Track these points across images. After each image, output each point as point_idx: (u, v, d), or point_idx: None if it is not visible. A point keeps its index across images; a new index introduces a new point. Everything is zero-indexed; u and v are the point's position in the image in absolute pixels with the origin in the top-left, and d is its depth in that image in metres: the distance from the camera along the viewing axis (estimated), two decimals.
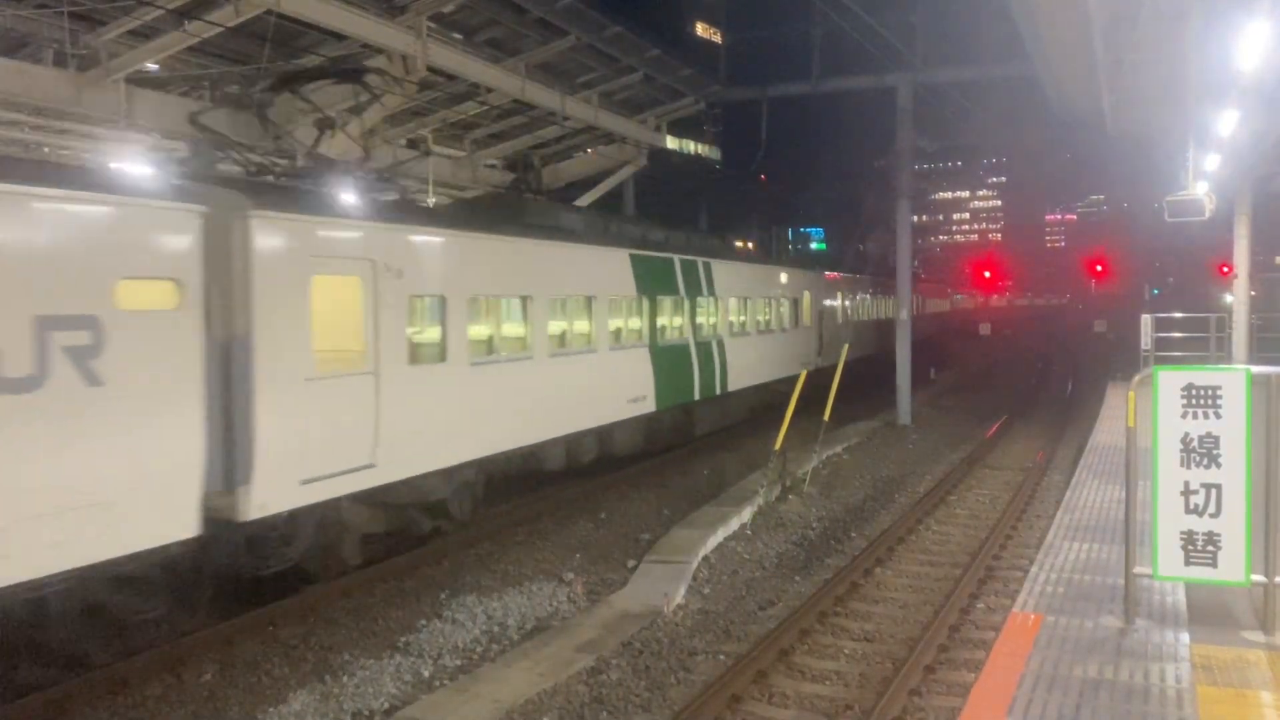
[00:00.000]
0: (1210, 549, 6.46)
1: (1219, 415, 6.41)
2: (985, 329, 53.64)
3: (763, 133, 27.09)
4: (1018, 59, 20.14)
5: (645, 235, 17.72)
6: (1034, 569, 8.49)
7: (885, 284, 40.29)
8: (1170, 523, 6.54)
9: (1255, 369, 6.57)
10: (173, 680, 8.56)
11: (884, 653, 9.16)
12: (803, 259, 36.17)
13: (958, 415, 26.35)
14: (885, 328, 36.69)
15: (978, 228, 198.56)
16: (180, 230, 8.14)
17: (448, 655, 9.21)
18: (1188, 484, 6.49)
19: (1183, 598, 7.46)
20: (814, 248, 72.92)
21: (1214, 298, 22.96)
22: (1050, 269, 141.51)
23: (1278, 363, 10.95)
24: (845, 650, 9.30)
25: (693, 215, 36.38)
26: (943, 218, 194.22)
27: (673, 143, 25.43)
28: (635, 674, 8.64)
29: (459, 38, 15.89)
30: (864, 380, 25.89)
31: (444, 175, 19.33)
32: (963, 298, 70.96)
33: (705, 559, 12.09)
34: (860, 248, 53.70)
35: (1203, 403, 6.44)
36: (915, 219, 30.91)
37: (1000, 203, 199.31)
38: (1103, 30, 12.78)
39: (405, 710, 7.88)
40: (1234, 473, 6.40)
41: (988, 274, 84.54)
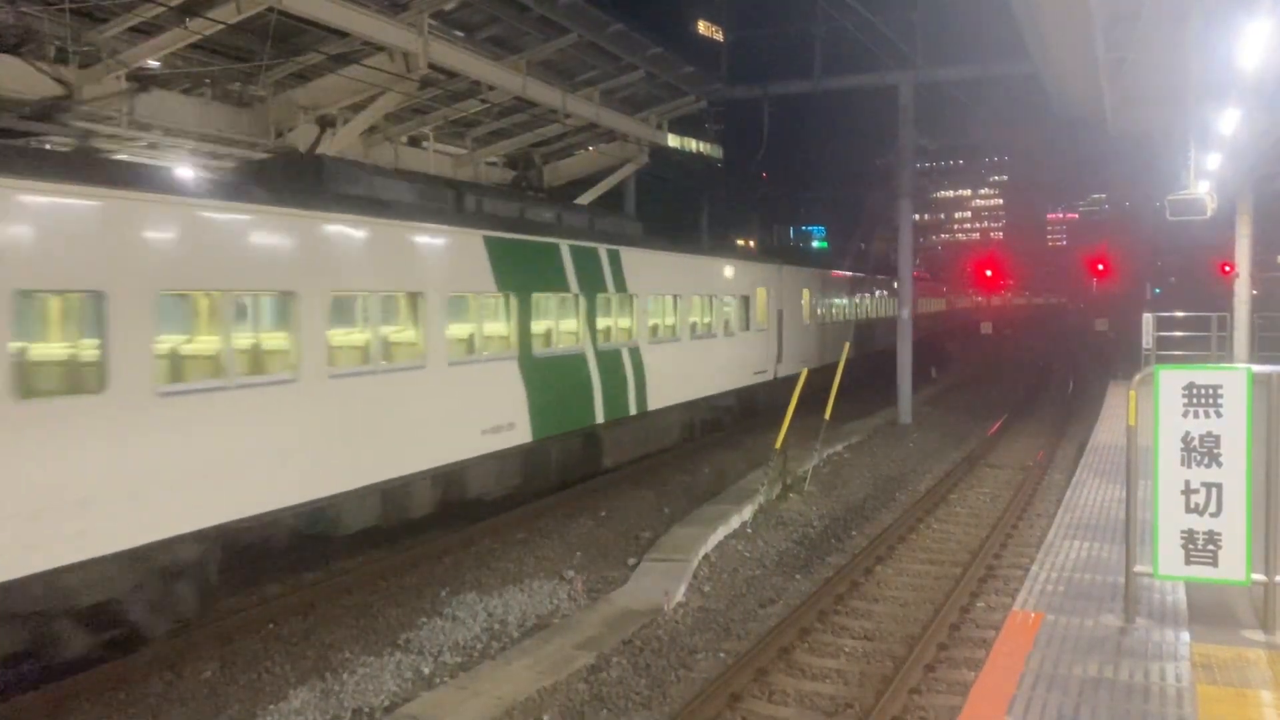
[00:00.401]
0: (1211, 548, 6.46)
1: (1220, 414, 6.41)
2: (987, 328, 53.71)
3: (764, 131, 27.09)
4: (1019, 58, 20.12)
5: (523, 214, 14.27)
6: (1034, 568, 8.50)
7: (871, 280, 37.10)
8: (1171, 522, 6.54)
9: (1256, 368, 6.58)
10: (173, 677, 8.57)
11: (884, 651, 9.16)
12: (761, 250, 32.23)
13: (959, 414, 26.34)
14: (871, 331, 34.10)
15: (979, 226, 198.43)
16: None
17: (448, 652, 9.22)
18: (1188, 483, 6.49)
19: (1183, 597, 7.46)
20: (815, 245, 72.93)
21: (1223, 296, 22.75)
22: (1051, 268, 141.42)
23: (1279, 362, 10.94)
24: (846, 648, 9.30)
25: (694, 214, 36.35)
26: (944, 216, 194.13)
27: (674, 141, 25.43)
28: (636, 672, 8.65)
29: (460, 35, 15.88)
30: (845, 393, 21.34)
31: (445, 173, 19.31)
32: (961, 297, 69.54)
33: (706, 557, 12.10)
34: (862, 246, 53.73)
35: (1204, 402, 6.44)
36: (916, 217, 30.68)
37: (1002, 201, 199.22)
38: (1104, 29, 12.79)
39: (406, 707, 7.88)
40: (1235, 472, 6.40)
41: (989, 273, 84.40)
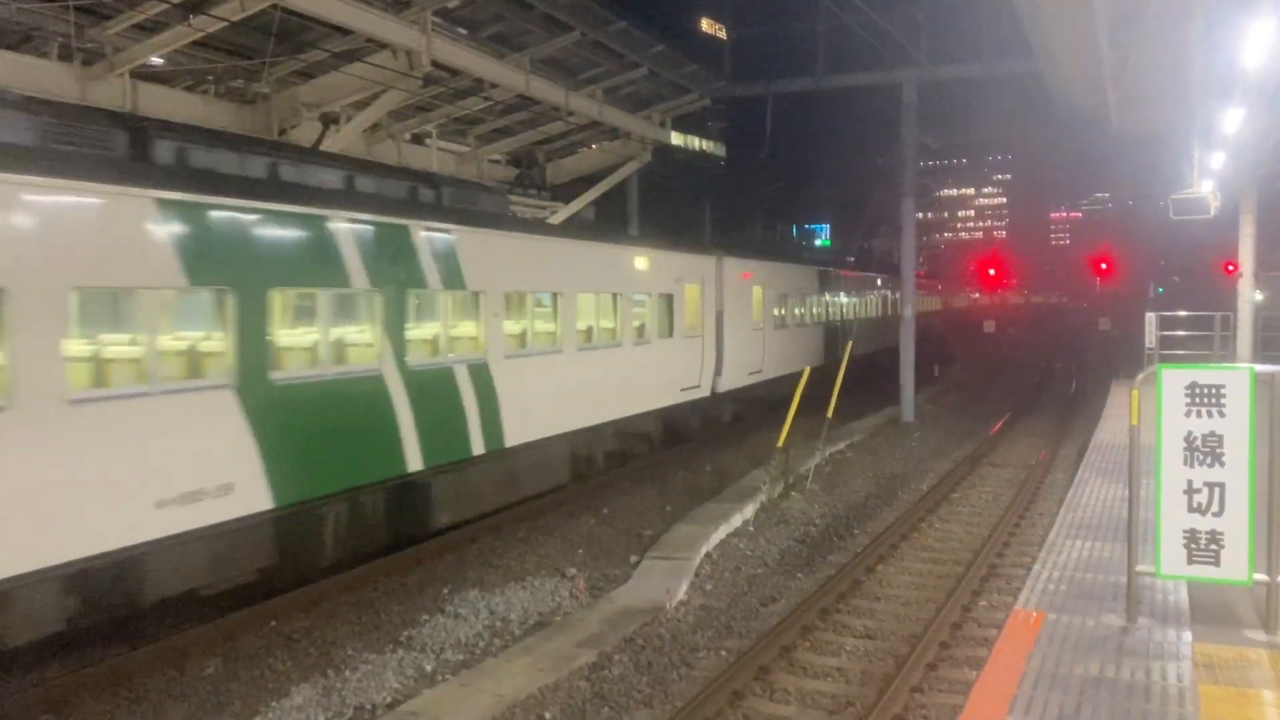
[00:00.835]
0: (1213, 548, 6.45)
1: (1222, 414, 6.40)
2: (990, 326, 53.75)
3: (767, 129, 27.07)
4: (1023, 56, 20.13)
5: (274, 172, 10.15)
6: (1036, 567, 8.50)
7: (858, 277, 32.88)
8: (1173, 521, 6.54)
9: (1259, 367, 6.57)
10: (175, 674, 8.58)
11: (886, 650, 9.16)
12: (694, 240, 25.89)
13: (961, 412, 26.35)
14: (858, 334, 30.15)
15: (982, 225, 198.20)
16: None
17: (450, 650, 9.22)
18: (1191, 482, 6.49)
19: (1185, 596, 7.46)
20: (818, 244, 72.84)
21: (1226, 296, 22.56)
22: (1054, 267, 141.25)
23: None
24: (847, 647, 9.30)
25: (697, 212, 36.34)
26: (947, 215, 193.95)
27: (677, 139, 25.47)
28: (637, 670, 8.65)
29: (463, 32, 15.88)
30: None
31: (448, 171, 19.31)
32: (959, 296, 68.69)
33: (707, 555, 12.10)
34: (865, 244, 53.69)
35: (1206, 401, 6.43)
36: (920, 216, 30.54)
37: (1005, 200, 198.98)
38: (1108, 28, 12.77)
39: (407, 704, 7.89)
40: (1237, 471, 6.39)
41: (992, 271, 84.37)
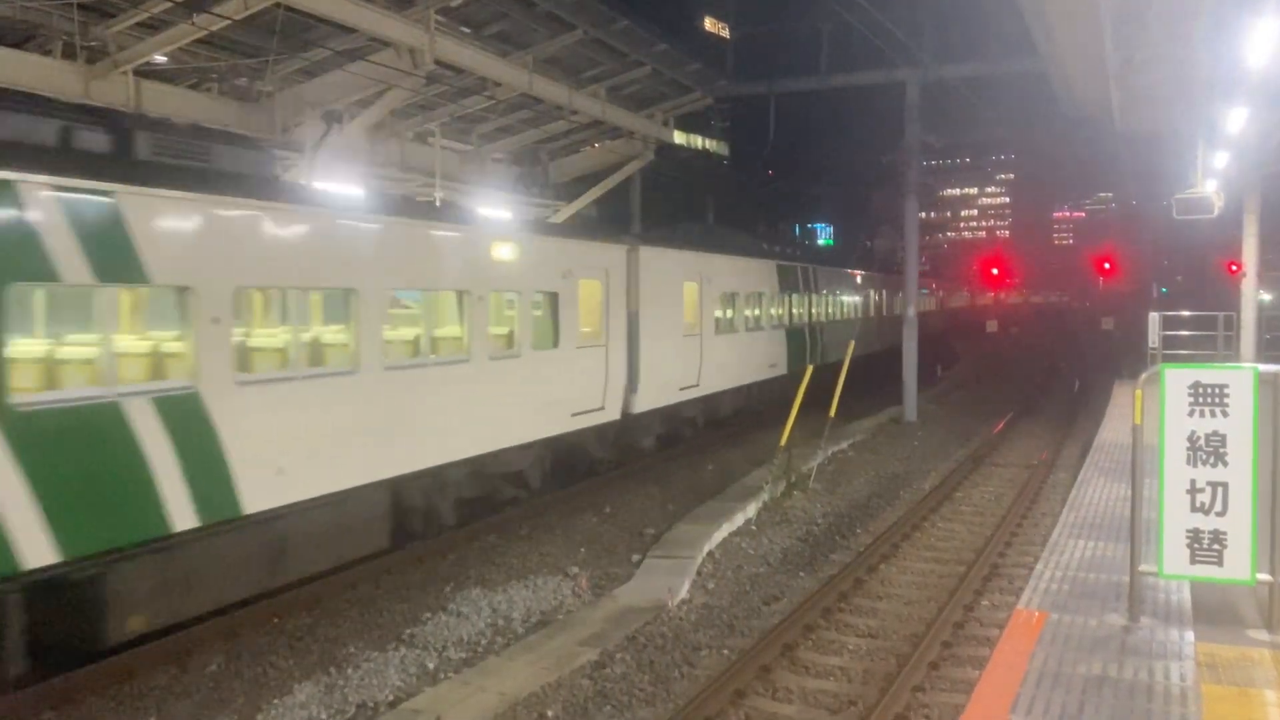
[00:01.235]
0: (1216, 547, 6.45)
1: (1226, 414, 6.40)
2: (992, 326, 53.70)
3: (770, 128, 27.05)
4: (1027, 56, 20.08)
5: None
6: (1039, 566, 8.49)
7: (828, 274, 28.06)
8: (1176, 521, 6.53)
9: (1262, 367, 6.56)
10: (178, 671, 8.60)
11: (888, 649, 9.16)
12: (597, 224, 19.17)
13: (964, 412, 26.32)
14: (835, 338, 27.05)
15: (985, 225, 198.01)
16: None
17: (452, 648, 9.23)
18: (1194, 482, 6.48)
19: (1188, 596, 7.45)
20: (821, 243, 72.82)
21: (1228, 295, 22.32)
22: (1058, 266, 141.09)
23: None
24: (849, 646, 9.30)
25: (700, 211, 36.33)
26: (950, 214, 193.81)
27: (680, 138, 25.48)
28: (639, 668, 8.66)
29: (467, 31, 15.88)
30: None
31: (451, 169, 19.32)
32: (957, 296, 66.61)
33: (710, 554, 12.10)
34: (868, 243, 53.65)
35: (1210, 401, 6.43)
36: (923, 215, 30.47)
37: (1008, 200, 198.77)
38: (1112, 27, 12.76)
39: (410, 702, 7.90)
40: (1240, 471, 6.39)
41: (995, 271, 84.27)
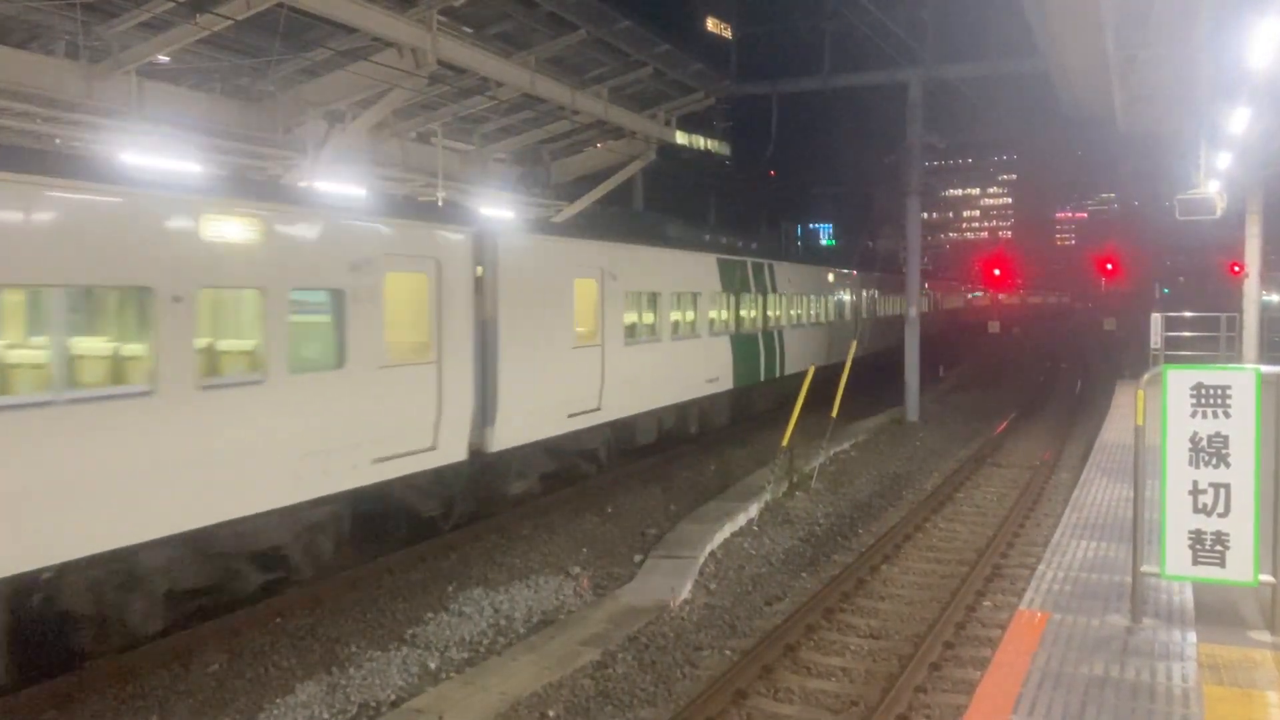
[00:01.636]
0: (1218, 548, 6.44)
1: (1228, 415, 6.39)
2: (994, 327, 53.68)
3: (772, 128, 27.05)
4: (1029, 56, 20.09)
5: None
6: (1041, 567, 8.48)
7: (795, 273, 24.03)
8: (1178, 522, 6.52)
9: (1265, 368, 6.56)
10: (180, 670, 8.60)
11: (890, 649, 9.16)
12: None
13: (966, 412, 26.30)
14: (775, 351, 22.84)
15: (987, 225, 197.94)
16: None
17: (454, 648, 9.24)
18: (1196, 483, 6.47)
19: (1190, 597, 7.44)
20: (824, 244, 72.76)
21: (1230, 296, 22.14)
22: (1060, 266, 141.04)
23: None
24: (851, 647, 9.30)
25: (702, 210, 36.33)
26: (952, 215, 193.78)
27: (682, 138, 25.46)
28: (641, 668, 8.66)
29: (469, 31, 15.88)
30: None
31: (453, 169, 19.33)
32: (953, 297, 63.82)
33: (712, 554, 12.10)
34: (870, 243, 53.63)
35: (1212, 402, 6.42)
36: (925, 216, 30.35)
37: (1010, 200, 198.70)
38: (1114, 27, 12.76)
39: (412, 702, 7.90)
40: (1243, 472, 6.38)
41: (997, 271, 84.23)
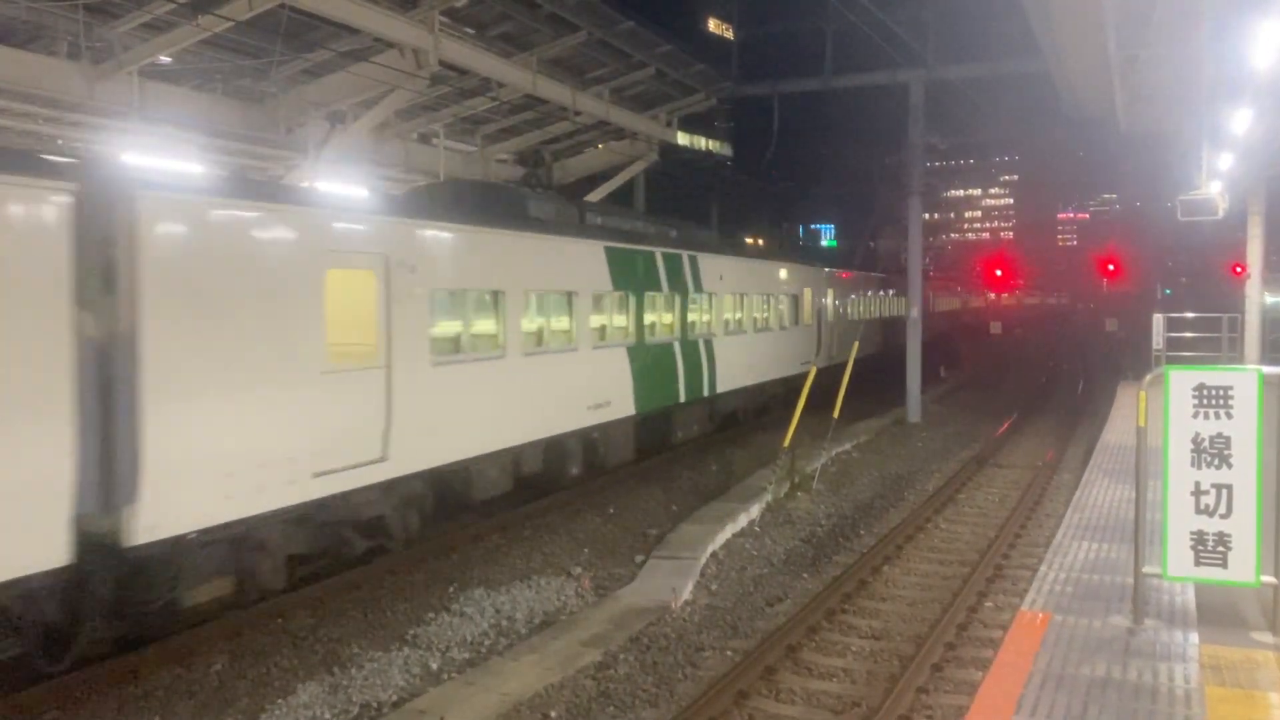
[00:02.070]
0: (1220, 549, 6.44)
1: (1230, 415, 6.38)
2: (996, 328, 53.64)
3: (774, 129, 27.05)
4: (1031, 56, 20.05)
5: None
6: (1043, 568, 8.48)
7: (696, 261, 17.95)
8: (1180, 523, 6.52)
9: (1267, 369, 6.56)
10: (182, 671, 8.61)
11: (892, 650, 9.16)
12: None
13: (967, 413, 26.29)
14: (681, 371, 17.41)
15: (989, 226, 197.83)
16: None
17: (456, 648, 9.24)
18: (1198, 484, 6.47)
19: (1192, 598, 7.44)
20: (825, 244, 72.74)
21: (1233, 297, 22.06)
22: (1061, 267, 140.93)
23: None
24: (853, 647, 9.30)
25: (704, 211, 36.32)
26: (954, 215, 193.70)
27: (684, 138, 25.42)
28: (643, 669, 8.66)
29: (471, 32, 15.91)
30: None
31: (455, 170, 19.34)
32: (946, 298, 60.19)
33: (713, 555, 12.10)
34: (871, 244, 53.59)
35: (1214, 403, 6.41)
36: (926, 216, 30.18)
37: (1012, 201, 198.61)
38: (1116, 28, 12.76)
39: (413, 702, 7.90)
40: (1245, 473, 6.37)
41: (999, 272, 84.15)
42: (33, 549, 7.22)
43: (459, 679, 8.38)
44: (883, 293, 34.75)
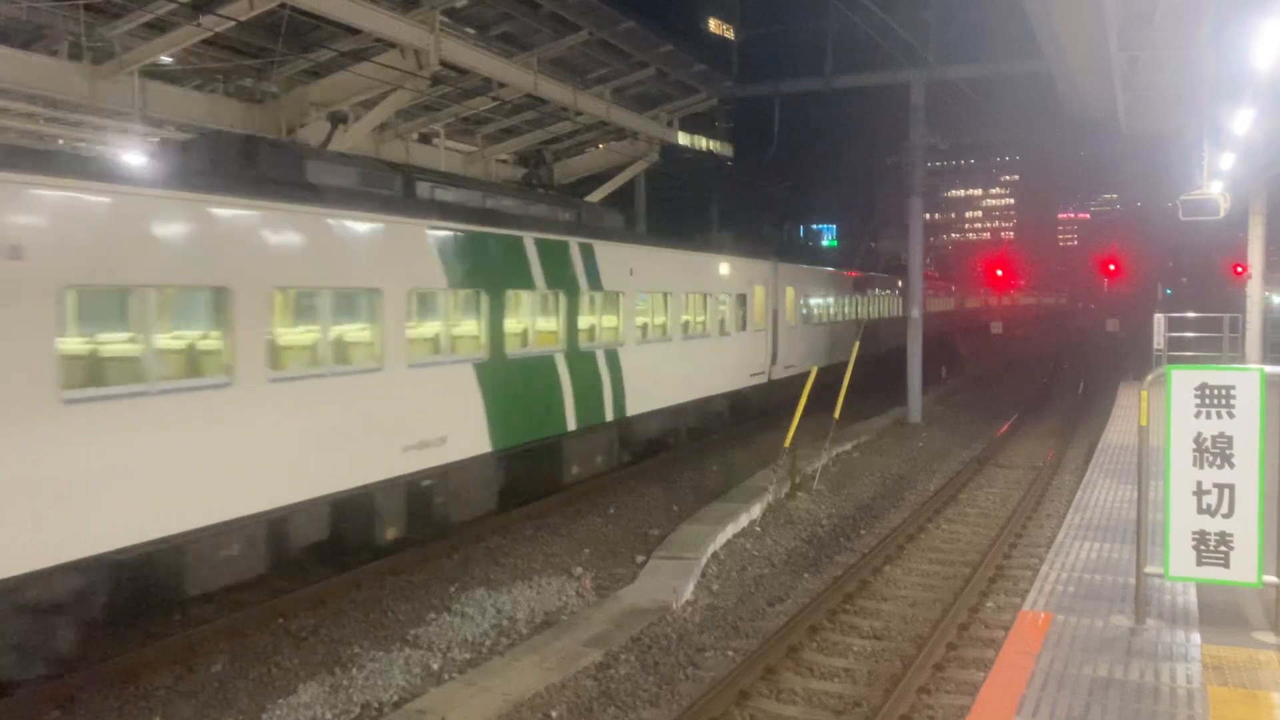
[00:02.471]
0: (1222, 549, 6.43)
1: (1232, 415, 6.38)
2: (997, 328, 53.61)
3: (775, 129, 27.06)
4: (1032, 56, 20.05)
5: None
6: (1044, 568, 8.48)
7: (593, 250, 14.73)
8: (1182, 522, 6.52)
9: (1269, 369, 6.55)
10: (183, 671, 8.61)
11: (893, 650, 9.15)
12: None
13: (968, 413, 26.29)
14: (570, 392, 14.13)
15: (990, 226, 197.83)
16: None
17: (457, 648, 9.23)
18: (1200, 484, 6.47)
19: (1194, 598, 7.44)
20: (825, 244, 72.74)
21: (1234, 297, 21.98)
22: (1062, 268, 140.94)
23: None
24: (854, 648, 9.29)
25: (704, 211, 36.32)
26: (955, 215, 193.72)
27: (684, 138, 25.40)
28: (644, 669, 8.65)
29: (472, 32, 15.91)
30: None
31: (456, 170, 19.35)
32: (939, 300, 55.23)
33: (714, 555, 12.09)
34: (871, 244, 53.58)
35: (1216, 402, 6.41)
36: (927, 216, 30.10)
37: (1013, 201, 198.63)
38: (1117, 28, 12.76)
39: (414, 703, 7.89)
40: (1247, 473, 6.37)
41: (1000, 272, 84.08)
42: None
43: (460, 679, 8.37)
44: (870, 291, 31.51)
